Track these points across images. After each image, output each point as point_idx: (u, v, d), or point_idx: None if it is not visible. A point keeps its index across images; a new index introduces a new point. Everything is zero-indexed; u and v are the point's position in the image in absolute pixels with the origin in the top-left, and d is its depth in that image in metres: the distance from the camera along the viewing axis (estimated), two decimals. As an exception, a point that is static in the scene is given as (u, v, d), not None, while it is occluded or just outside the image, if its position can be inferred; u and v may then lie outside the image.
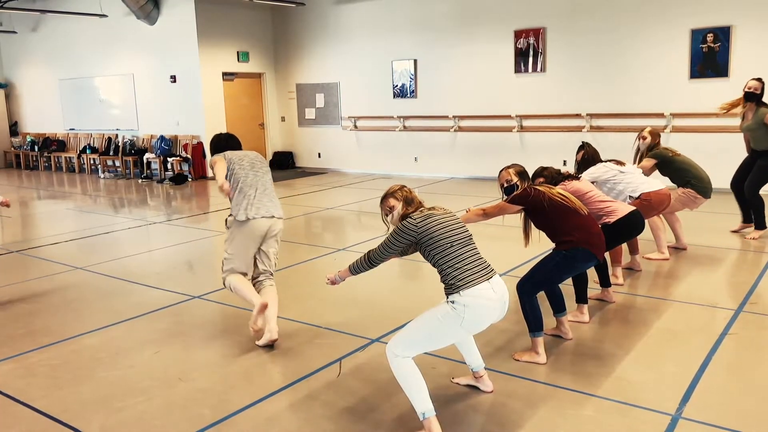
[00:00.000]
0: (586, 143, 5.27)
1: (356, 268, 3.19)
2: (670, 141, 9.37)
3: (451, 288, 2.89)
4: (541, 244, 4.12)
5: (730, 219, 6.86)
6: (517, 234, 6.83)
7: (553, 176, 4.26)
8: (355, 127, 12.72)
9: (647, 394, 3.28)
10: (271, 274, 4.24)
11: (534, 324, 3.66)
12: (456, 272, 2.89)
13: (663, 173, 5.83)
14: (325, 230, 8.08)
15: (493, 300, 2.89)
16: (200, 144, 12.53)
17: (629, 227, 4.41)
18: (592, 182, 5.07)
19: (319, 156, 13.48)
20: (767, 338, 4.09)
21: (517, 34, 10.54)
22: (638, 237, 4.97)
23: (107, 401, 3.36)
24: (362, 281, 4.39)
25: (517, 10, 10.51)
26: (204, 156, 12.52)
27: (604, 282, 4.61)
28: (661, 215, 5.58)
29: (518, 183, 3.88)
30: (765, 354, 3.82)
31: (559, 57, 10.27)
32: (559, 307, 3.96)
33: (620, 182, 5.02)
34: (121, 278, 5.71)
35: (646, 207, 4.89)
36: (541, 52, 10.38)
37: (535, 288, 3.71)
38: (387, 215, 3.17)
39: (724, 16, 8.85)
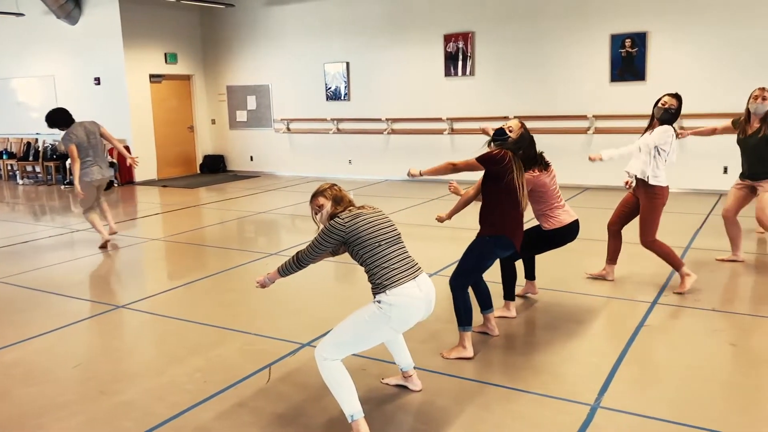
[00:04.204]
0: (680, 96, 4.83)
1: (285, 270, 3.15)
2: (592, 142, 9.75)
3: (377, 287, 2.92)
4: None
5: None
6: (447, 234, 6.94)
7: (538, 158, 4.22)
8: (288, 129, 12.62)
9: (569, 386, 3.40)
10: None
11: (464, 318, 3.74)
12: (383, 272, 2.92)
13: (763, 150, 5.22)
14: (258, 234, 7.98)
15: (419, 298, 2.93)
16: (127, 148, 12.10)
17: (564, 236, 4.43)
18: (654, 145, 4.67)
19: (252, 159, 13.29)
20: (679, 328, 4.32)
21: (447, 38, 10.73)
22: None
23: (23, 420, 3.21)
24: (293, 285, 4.37)
25: (446, 14, 10.69)
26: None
27: (529, 274, 4.74)
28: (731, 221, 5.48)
29: (511, 138, 3.78)
30: (676, 343, 4.03)
31: (488, 61, 10.51)
32: (486, 304, 4.05)
33: (662, 161, 4.71)
34: (40, 289, 5.46)
35: (653, 197, 4.74)
36: (470, 56, 10.60)
37: (466, 280, 3.78)
38: (316, 214, 3.14)
39: (641, 22, 9.30)
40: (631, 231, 5.16)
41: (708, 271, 5.32)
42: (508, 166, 3.68)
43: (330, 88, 12.00)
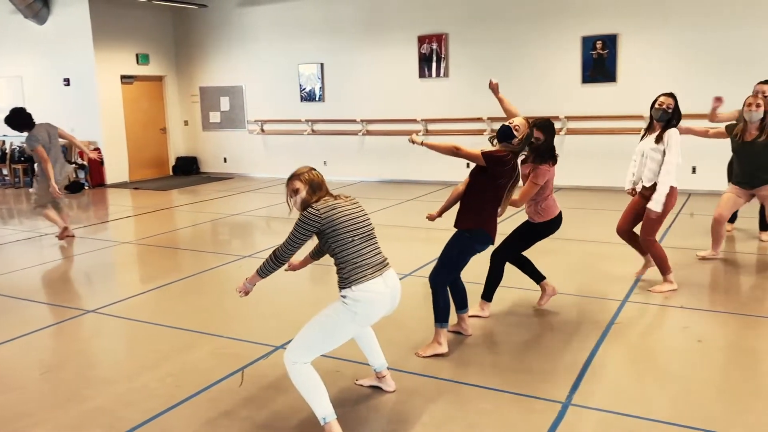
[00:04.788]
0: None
1: (265, 270, 3.06)
2: (564, 143, 9.86)
3: (344, 282, 2.93)
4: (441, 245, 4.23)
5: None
6: (422, 234, 6.95)
7: (551, 150, 4.20)
8: (262, 130, 12.54)
9: (541, 384, 3.44)
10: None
11: (442, 315, 3.77)
12: (351, 267, 2.91)
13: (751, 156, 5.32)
14: (232, 237, 7.91)
15: (384, 294, 2.95)
16: (97, 150, 11.92)
17: (550, 227, 4.43)
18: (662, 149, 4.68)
19: (225, 161, 13.19)
20: (648, 325, 4.39)
21: (421, 40, 10.76)
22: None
23: (-12, 427, 3.15)
24: (266, 288, 4.32)
25: (420, 16, 10.73)
26: (102, 163, 11.94)
27: (538, 276, 4.55)
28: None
29: (517, 139, 3.69)
30: (646, 340, 4.09)
31: (461, 62, 10.57)
32: (461, 304, 4.07)
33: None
34: (8, 295, 5.33)
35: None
36: (444, 58, 10.65)
37: (447, 277, 3.79)
38: (291, 197, 3.05)
39: (611, 25, 9.43)
40: (597, 227, 5.23)
41: (677, 268, 5.41)
42: (509, 171, 3.68)
43: (304, 89, 11.96)
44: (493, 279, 4.41)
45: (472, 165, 3.83)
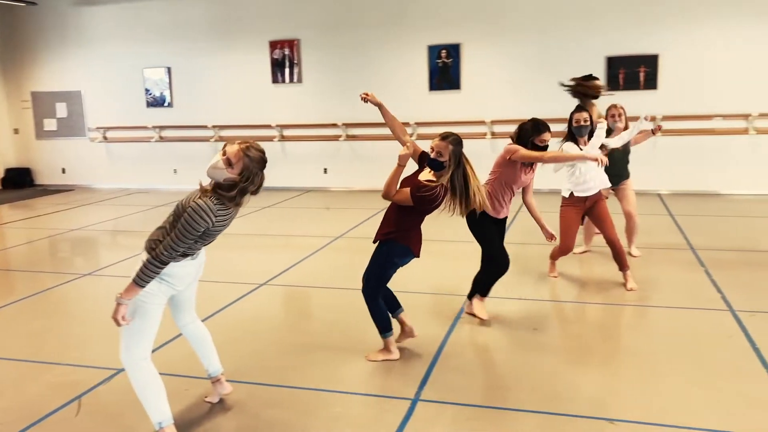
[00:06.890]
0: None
1: (145, 278, 2.67)
2: (416, 147, 10.25)
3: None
4: (304, 251, 4.21)
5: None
6: (280, 242, 6.87)
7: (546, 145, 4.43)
8: (105, 138, 11.76)
9: (390, 383, 3.55)
10: None
11: (383, 326, 3.78)
12: (179, 255, 2.82)
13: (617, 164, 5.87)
14: (73, 254, 7.34)
15: (192, 266, 2.96)
16: None
17: (499, 224, 4.58)
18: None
19: (64, 171, 12.21)
20: (492, 318, 4.65)
21: (272, 45, 10.67)
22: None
23: None
24: (107, 309, 4.07)
25: (271, 21, 10.64)
26: None
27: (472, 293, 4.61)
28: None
29: (445, 163, 3.64)
30: (490, 332, 4.35)
31: (314, 68, 10.62)
32: (393, 306, 4.03)
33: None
34: None
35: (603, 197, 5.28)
36: (296, 63, 10.64)
37: (375, 290, 3.75)
38: (222, 157, 2.73)
39: (455, 34, 9.94)
40: (448, 228, 5.47)
41: (520, 263, 5.80)
42: (437, 206, 3.65)
43: (151, 93, 11.39)
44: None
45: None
